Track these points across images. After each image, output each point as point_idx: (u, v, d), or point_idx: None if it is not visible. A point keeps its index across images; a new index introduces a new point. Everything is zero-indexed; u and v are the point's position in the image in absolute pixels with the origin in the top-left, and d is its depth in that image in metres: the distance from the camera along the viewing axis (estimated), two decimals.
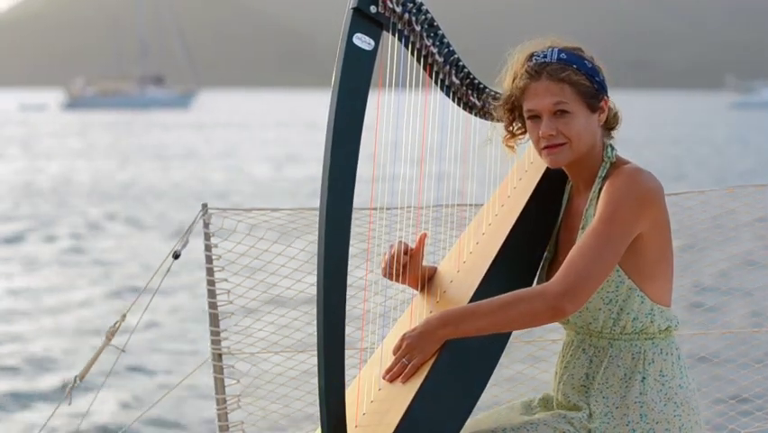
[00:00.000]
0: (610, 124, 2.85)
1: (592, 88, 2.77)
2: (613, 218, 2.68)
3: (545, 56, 2.78)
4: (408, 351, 2.74)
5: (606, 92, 2.80)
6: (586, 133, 2.78)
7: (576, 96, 2.76)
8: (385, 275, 2.97)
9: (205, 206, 3.82)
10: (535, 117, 2.80)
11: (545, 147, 2.79)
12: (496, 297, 2.68)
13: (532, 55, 2.79)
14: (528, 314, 2.65)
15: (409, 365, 2.73)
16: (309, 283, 3.69)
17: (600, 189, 2.77)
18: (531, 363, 3.90)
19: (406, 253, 2.97)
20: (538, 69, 2.77)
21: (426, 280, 3.03)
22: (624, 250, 2.70)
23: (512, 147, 2.96)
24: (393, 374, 2.75)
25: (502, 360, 2.83)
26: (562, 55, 2.77)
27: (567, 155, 2.80)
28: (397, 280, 2.99)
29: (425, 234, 3.00)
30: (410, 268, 2.98)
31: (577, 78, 2.75)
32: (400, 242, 2.98)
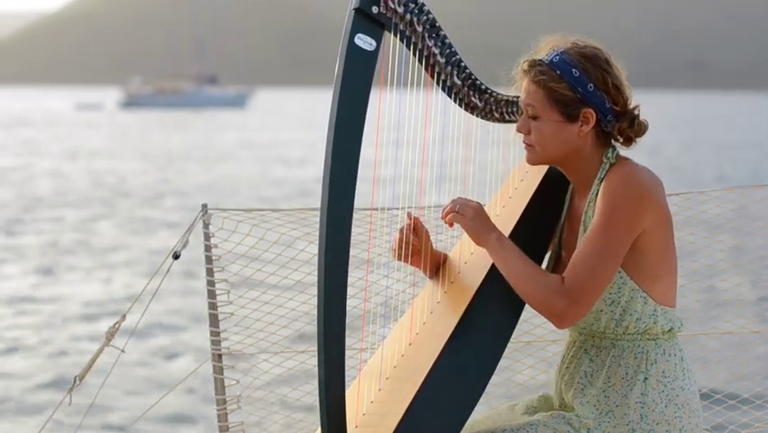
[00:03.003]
0: (628, 134, 2.80)
1: (571, 98, 2.74)
2: (611, 223, 2.67)
3: (546, 56, 2.79)
4: (465, 212, 2.80)
5: (594, 103, 2.75)
6: (554, 142, 2.78)
7: (548, 102, 2.76)
8: (395, 257, 2.96)
9: (205, 206, 3.82)
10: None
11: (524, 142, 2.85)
12: (532, 267, 2.74)
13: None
14: (535, 299, 2.71)
15: (451, 215, 2.81)
16: (309, 284, 3.69)
17: (599, 192, 2.77)
18: (531, 364, 3.89)
19: (415, 231, 2.97)
20: (530, 66, 2.79)
21: (439, 266, 3.02)
22: (626, 251, 2.70)
23: None
24: (445, 214, 2.84)
25: (502, 360, 2.83)
26: (555, 59, 2.76)
27: (535, 157, 2.84)
28: (406, 261, 2.98)
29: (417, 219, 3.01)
30: (420, 246, 2.98)
31: (554, 84, 2.74)
32: (410, 215, 2.98)
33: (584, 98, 2.75)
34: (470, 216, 2.79)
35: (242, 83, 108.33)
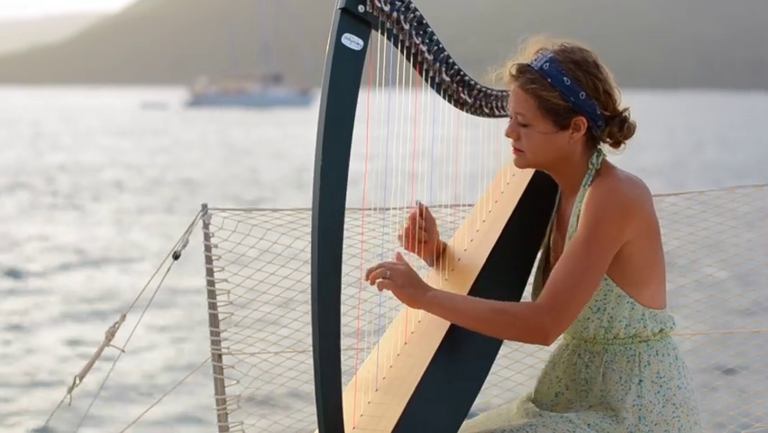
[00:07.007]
0: (617, 137, 2.78)
1: (563, 106, 2.72)
2: (594, 238, 2.66)
3: (534, 61, 2.75)
4: (395, 278, 2.67)
5: (586, 111, 2.73)
6: (544, 149, 2.76)
7: (539, 110, 2.73)
8: (403, 245, 2.95)
9: (205, 206, 3.82)
10: None
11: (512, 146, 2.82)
12: (488, 301, 2.67)
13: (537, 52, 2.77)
14: (510, 331, 2.66)
15: (380, 282, 2.68)
16: (309, 284, 3.68)
17: (585, 197, 2.76)
18: (529, 364, 3.89)
19: (422, 216, 2.98)
20: (519, 72, 2.76)
21: (438, 257, 3.02)
22: (607, 266, 2.69)
23: None
24: (372, 276, 2.70)
25: (500, 361, 2.83)
26: (546, 66, 2.73)
27: (524, 162, 2.82)
28: (412, 250, 2.97)
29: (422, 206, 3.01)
30: (427, 235, 2.98)
31: (546, 93, 2.71)
32: (420, 204, 2.99)
33: (576, 107, 2.73)
34: (401, 284, 2.67)
35: (306, 83, 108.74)
